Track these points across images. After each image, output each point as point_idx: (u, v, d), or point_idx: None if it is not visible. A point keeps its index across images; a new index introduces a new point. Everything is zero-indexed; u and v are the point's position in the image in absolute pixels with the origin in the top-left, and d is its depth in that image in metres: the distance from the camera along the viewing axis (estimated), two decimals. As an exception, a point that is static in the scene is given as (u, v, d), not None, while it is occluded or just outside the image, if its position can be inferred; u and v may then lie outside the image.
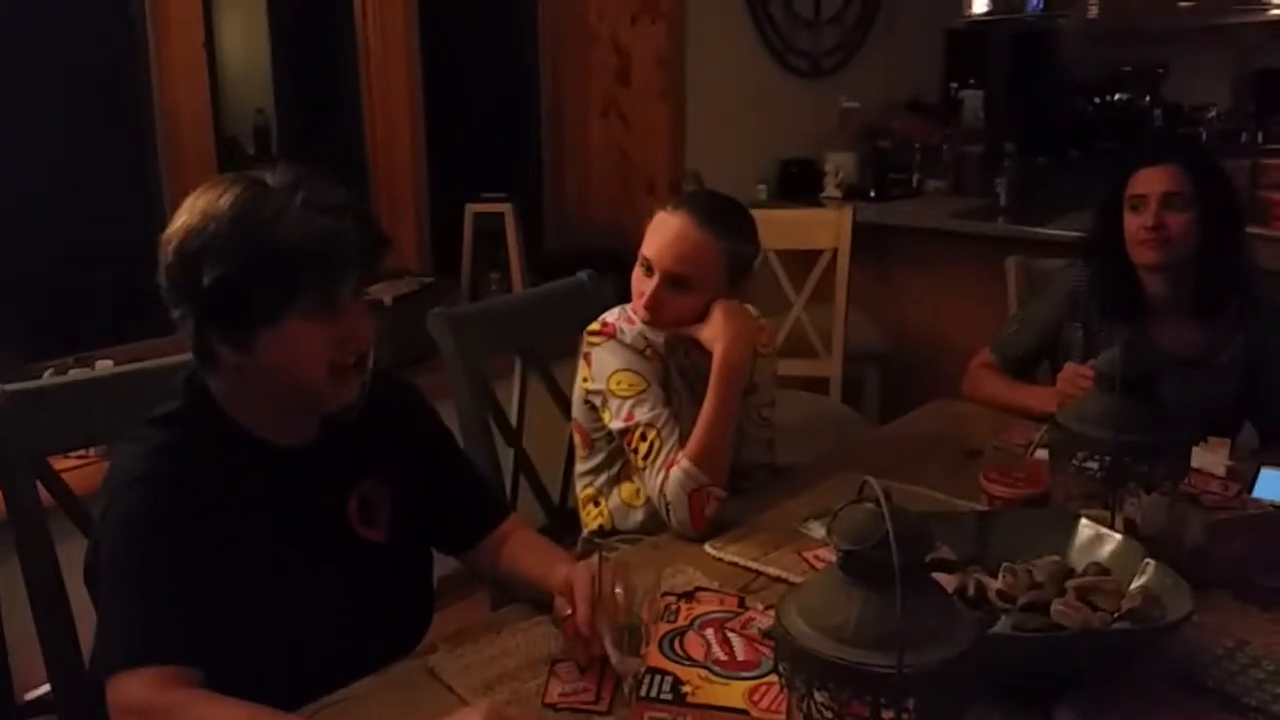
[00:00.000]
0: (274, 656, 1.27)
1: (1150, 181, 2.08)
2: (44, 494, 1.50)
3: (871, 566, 0.93)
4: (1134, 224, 2.09)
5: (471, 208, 3.20)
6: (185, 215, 1.26)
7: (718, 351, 1.74)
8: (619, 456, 1.87)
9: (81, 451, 2.05)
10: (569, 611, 1.30)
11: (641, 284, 1.81)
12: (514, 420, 2.08)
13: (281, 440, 1.36)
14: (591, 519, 1.94)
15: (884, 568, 0.91)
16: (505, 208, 3.18)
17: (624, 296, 1.97)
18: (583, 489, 1.96)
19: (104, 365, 2.36)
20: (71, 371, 2.26)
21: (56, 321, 2.55)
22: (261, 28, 3.07)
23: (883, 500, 0.95)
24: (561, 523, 2.10)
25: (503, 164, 3.53)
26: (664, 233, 1.79)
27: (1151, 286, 2.12)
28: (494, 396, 2.05)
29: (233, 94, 2.92)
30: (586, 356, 1.84)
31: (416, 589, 1.50)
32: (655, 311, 1.79)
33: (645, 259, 1.81)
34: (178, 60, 2.59)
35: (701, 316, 1.79)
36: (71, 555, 1.49)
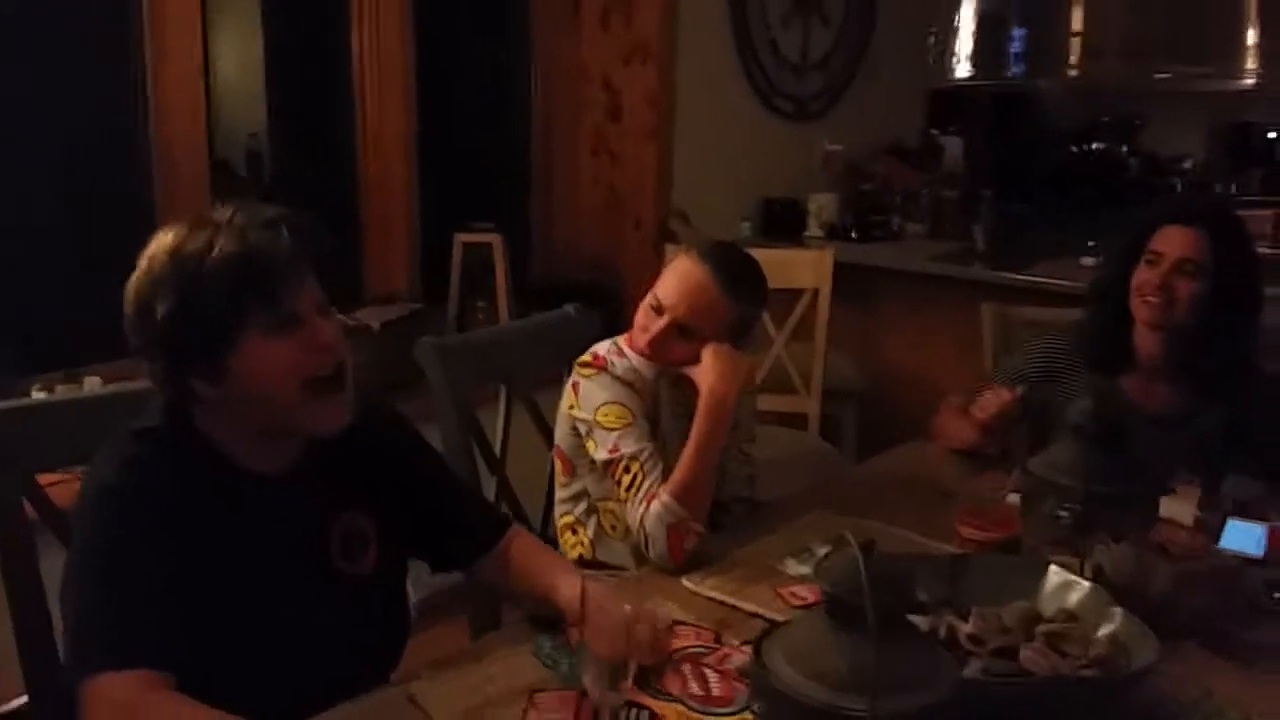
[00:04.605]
0: (247, 675, 1.27)
1: (1171, 241, 2.04)
2: (30, 509, 1.52)
3: (853, 611, 0.97)
4: (1143, 277, 2.06)
5: (460, 237, 3.24)
6: (138, 266, 1.28)
7: (704, 389, 1.78)
8: (598, 485, 1.90)
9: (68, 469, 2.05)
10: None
11: (648, 320, 1.85)
12: (498, 448, 2.10)
13: (260, 467, 1.35)
14: (570, 547, 1.96)
15: (864, 612, 0.94)
16: (494, 238, 3.21)
17: (608, 330, 2.01)
18: (561, 516, 1.99)
19: (92, 383, 2.38)
20: (59, 389, 2.28)
21: (48, 340, 2.56)
22: (256, 51, 3.10)
23: (857, 552, 0.99)
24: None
25: (492, 195, 3.57)
26: (684, 282, 1.83)
27: (1142, 341, 2.10)
28: (478, 424, 2.07)
29: (226, 117, 2.95)
30: (575, 386, 1.87)
31: (395, 614, 1.51)
32: (656, 349, 1.83)
33: (659, 300, 1.84)
34: (174, 85, 2.61)
35: (698, 357, 1.83)
36: (55, 570, 1.50)
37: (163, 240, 1.28)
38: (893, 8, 4.38)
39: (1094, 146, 6.19)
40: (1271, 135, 6.55)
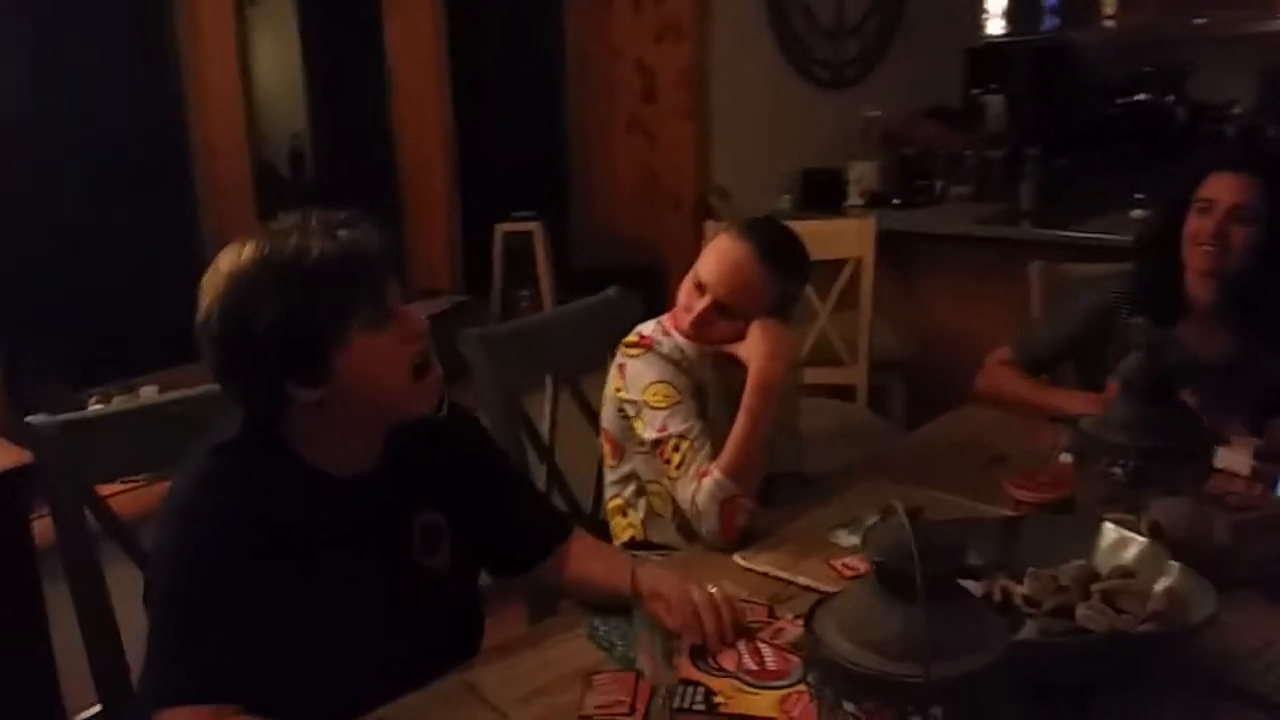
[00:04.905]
0: (323, 683, 1.29)
1: (1222, 188, 2.05)
2: (93, 520, 1.55)
3: (902, 579, 0.96)
4: (1195, 226, 2.06)
5: (501, 228, 3.25)
6: (211, 287, 1.26)
7: (753, 368, 1.78)
8: (647, 466, 1.91)
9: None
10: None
11: (690, 299, 1.85)
12: (546, 437, 2.12)
13: (342, 471, 1.36)
14: (622, 530, 1.97)
15: (914, 580, 0.94)
16: (534, 226, 3.23)
17: (650, 312, 2.01)
18: (611, 499, 2.00)
19: (148, 392, 2.43)
20: (116, 399, 2.33)
21: (103, 350, 2.61)
22: (294, 51, 3.12)
23: (905, 519, 0.98)
24: (594, 534, 2.13)
25: (531, 183, 3.58)
26: (725, 261, 1.83)
27: (1196, 290, 2.10)
28: (525, 413, 2.09)
29: (267, 118, 2.98)
30: (621, 368, 1.88)
31: (470, 616, 1.52)
32: (699, 329, 1.84)
33: (700, 279, 1.85)
34: (214, 93, 2.65)
35: (742, 335, 1.82)
36: (121, 579, 1.54)
37: (240, 256, 1.25)
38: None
39: (1139, 98, 6.07)
40: (1323, 74, 6.38)
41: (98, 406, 2.23)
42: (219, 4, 2.63)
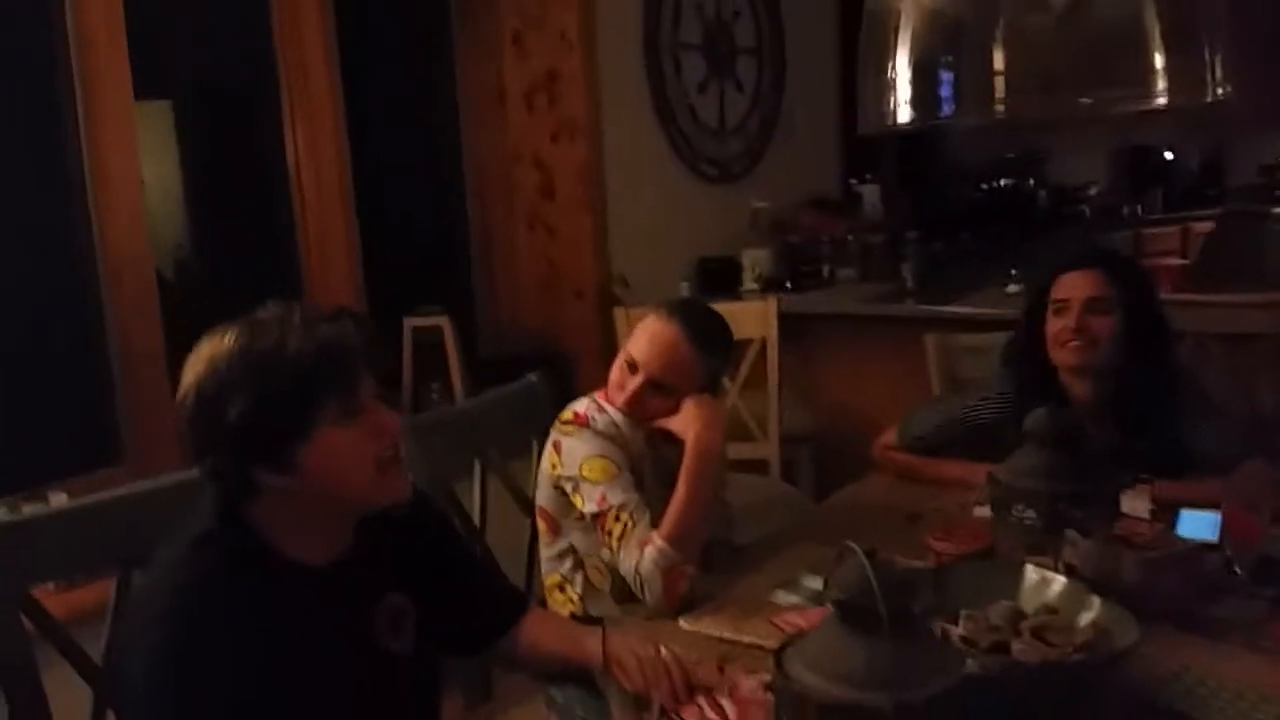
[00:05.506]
0: None
1: (1073, 286, 2.12)
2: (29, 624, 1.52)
3: (865, 613, 1.04)
4: (1056, 326, 2.12)
5: (409, 321, 3.29)
6: (193, 369, 1.30)
7: (690, 438, 1.85)
8: (585, 539, 1.95)
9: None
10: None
11: (624, 377, 1.93)
12: (477, 520, 2.14)
13: (311, 559, 1.37)
14: (560, 605, 2.00)
15: (877, 613, 1.02)
16: (443, 320, 3.27)
17: (563, 398, 2.08)
18: (548, 575, 2.03)
19: (58, 499, 2.36)
20: (25, 508, 2.26)
21: (5, 457, 2.54)
22: (172, 161, 3.08)
23: (863, 558, 1.07)
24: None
25: (435, 279, 3.63)
26: (656, 342, 1.91)
27: (1074, 390, 2.14)
28: (456, 498, 2.11)
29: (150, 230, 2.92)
30: (556, 445, 1.93)
31: (433, 696, 1.53)
32: (633, 406, 1.92)
33: (632, 359, 1.92)
34: (116, 202, 2.63)
35: (674, 410, 1.91)
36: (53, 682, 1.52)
37: (222, 342, 1.29)
38: (800, 71, 4.58)
39: (1002, 183, 6.47)
40: (1168, 155, 6.91)
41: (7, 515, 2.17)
42: (120, 111, 2.63)
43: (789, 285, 4.06)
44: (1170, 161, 6.93)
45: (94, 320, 2.67)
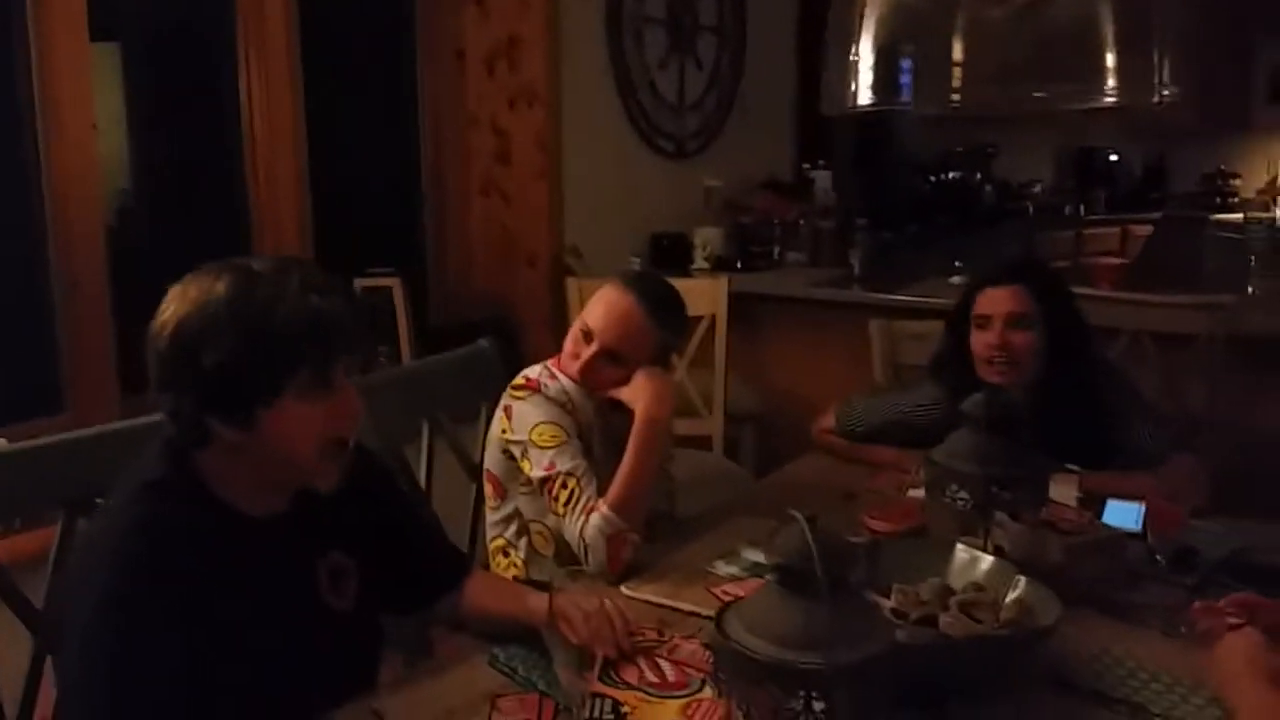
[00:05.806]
0: (246, 711, 1.30)
1: (995, 302, 2.14)
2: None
3: (804, 577, 1.08)
4: (980, 343, 2.15)
5: (360, 282, 3.27)
6: (176, 303, 1.29)
7: (639, 409, 1.88)
8: (531, 504, 1.98)
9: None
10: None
11: (578, 347, 1.95)
12: (422, 481, 2.16)
13: (256, 511, 1.38)
14: (504, 569, 2.03)
15: (815, 577, 1.06)
16: (394, 282, 3.26)
17: (511, 365, 2.10)
18: (493, 539, 2.06)
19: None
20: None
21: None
22: (117, 105, 3.03)
23: (805, 525, 1.11)
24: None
25: (387, 240, 3.62)
26: (613, 311, 1.93)
27: None
28: (404, 459, 2.13)
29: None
30: (507, 409, 1.96)
31: (373, 654, 1.55)
32: (586, 375, 1.94)
33: (587, 328, 1.94)
34: (69, 140, 2.60)
35: (625, 381, 1.93)
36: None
37: (212, 287, 1.28)
38: (759, 53, 4.60)
39: (950, 176, 6.58)
40: (1113, 158, 7.06)
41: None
42: (74, 53, 2.59)
43: (739, 265, 4.11)
44: (1115, 164, 7.10)
45: (39, 265, 2.63)
